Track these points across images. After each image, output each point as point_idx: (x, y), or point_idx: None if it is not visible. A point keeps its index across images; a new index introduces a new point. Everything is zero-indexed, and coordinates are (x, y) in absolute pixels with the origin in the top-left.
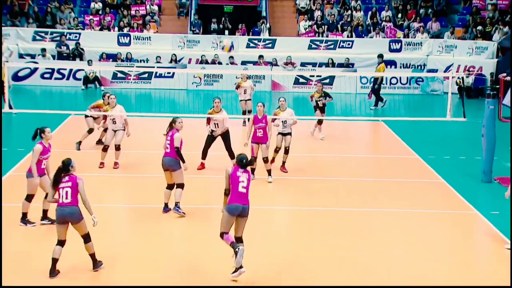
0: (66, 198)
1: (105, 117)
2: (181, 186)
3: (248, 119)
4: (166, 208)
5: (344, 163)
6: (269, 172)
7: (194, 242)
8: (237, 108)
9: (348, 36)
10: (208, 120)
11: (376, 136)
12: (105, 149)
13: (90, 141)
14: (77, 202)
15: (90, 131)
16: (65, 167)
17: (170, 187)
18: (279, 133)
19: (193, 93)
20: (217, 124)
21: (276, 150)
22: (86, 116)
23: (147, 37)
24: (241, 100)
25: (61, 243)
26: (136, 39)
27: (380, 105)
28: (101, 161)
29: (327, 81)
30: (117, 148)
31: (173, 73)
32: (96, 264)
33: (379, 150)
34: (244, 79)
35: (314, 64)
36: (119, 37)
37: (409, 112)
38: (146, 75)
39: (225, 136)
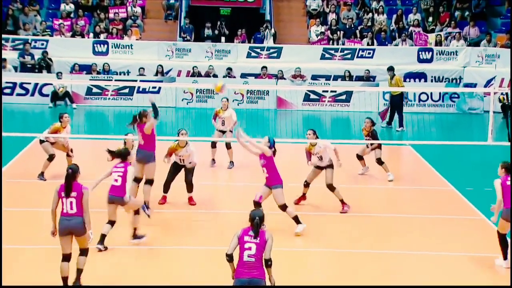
0: (71, 208)
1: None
2: (150, 182)
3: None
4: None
5: (364, 196)
6: (296, 219)
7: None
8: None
9: (368, 44)
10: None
11: (402, 163)
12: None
13: (55, 168)
14: (82, 213)
15: (51, 158)
16: (74, 174)
17: (137, 180)
18: (315, 167)
19: (183, 111)
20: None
21: (306, 185)
22: (42, 141)
23: (128, 45)
24: (217, 130)
25: (66, 258)
26: (115, 47)
27: (396, 127)
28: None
29: (343, 97)
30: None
31: (159, 88)
32: (76, 281)
33: (405, 180)
34: (224, 107)
35: (327, 77)
36: (95, 45)
37: (442, 134)
38: (127, 90)
39: (190, 169)
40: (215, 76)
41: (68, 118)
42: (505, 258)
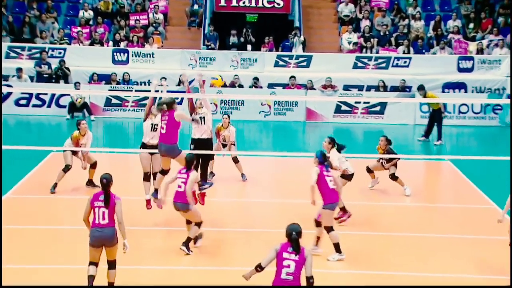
0: (103, 219)
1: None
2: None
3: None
4: (155, 194)
5: (400, 214)
6: (337, 247)
7: None
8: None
9: (404, 52)
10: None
11: (441, 179)
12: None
13: (71, 183)
14: (114, 223)
15: (66, 168)
16: (109, 183)
17: (164, 172)
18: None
19: None
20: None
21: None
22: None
23: (150, 54)
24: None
25: (94, 264)
26: (136, 56)
27: (434, 141)
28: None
29: (377, 108)
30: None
31: (182, 99)
32: None
33: (444, 197)
34: (224, 125)
35: (360, 88)
36: (114, 54)
37: (483, 148)
38: (147, 101)
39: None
40: (240, 86)
41: (86, 125)
42: None
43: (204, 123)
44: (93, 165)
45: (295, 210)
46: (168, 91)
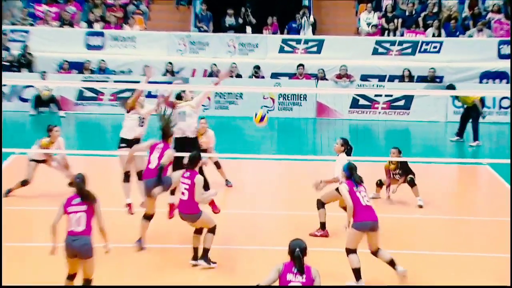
0: (79, 225)
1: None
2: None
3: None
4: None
5: (429, 229)
6: (391, 264)
7: None
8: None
9: (434, 35)
10: None
11: (478, 187)
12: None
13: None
14: (90, 231)
15: (24, 183)
16: (84, 182)
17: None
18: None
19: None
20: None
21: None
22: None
23: (130, 37)
24: None
25: (71, 277)
26: (114, 40)
27: (470, 141)
28: None
29: (401, 103)
30: None
31: (170, 92)
32: None
33: (482, 209)
34: (202, 130)
35: (381, 78)
36: (88, 38)
37: None
38: (128, 94)
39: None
40: (238, 76)
41: (59, 132)
42: None
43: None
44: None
45: (303, 223)
46: (151, 82)
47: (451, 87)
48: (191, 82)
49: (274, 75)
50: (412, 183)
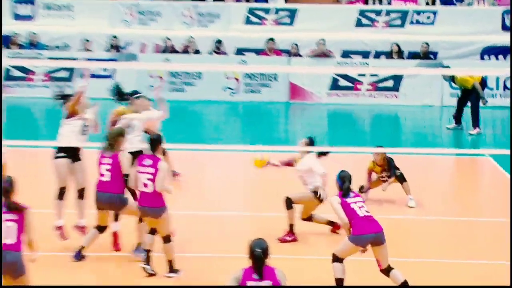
0: (8, 237)
1: None
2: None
3: None
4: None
5: (423, 232)
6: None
7: None
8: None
9: (427, 4)
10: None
11: (478, 181)
12: None
13: None
14: (20, 245)
15: None
16: (12, 187)
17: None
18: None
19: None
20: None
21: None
22: None
23: (67, 5)
24: None
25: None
26: (47, 9)
27: (469, 129)
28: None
29: (389, 83)
30: None
31: (114, 71)
32: None
33: (483, 207)
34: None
35: (365, 54)
36: (16, 5)
37: None
38: (64, 74)
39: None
40: (197, 52)
41: None
42: None
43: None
44: None
45: (269, 226)
46: (91, 59)
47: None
48: (140, 60)
49: (239, 51)
50: (401, 179)
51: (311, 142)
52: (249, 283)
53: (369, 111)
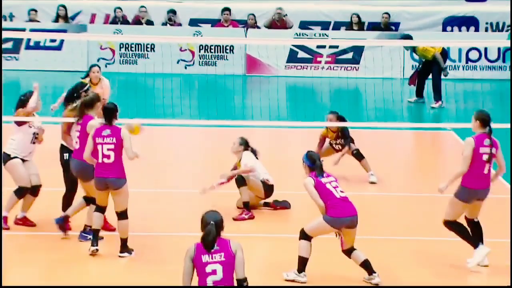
0: None
1: None
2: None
3: None
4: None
5: (385, 208)
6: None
7: None
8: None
9: None
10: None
11: (440, 157)
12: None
13: None
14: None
15: None
16: None
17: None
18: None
19: None
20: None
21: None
22: None
23: None
24: None
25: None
26: None
27: (431, 102)
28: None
29: (349, 56)
30: None
31: (61, 42)
32: None
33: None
34: (95, 80)
35: (324, 25)
36: None
37: (502, 112)
38: (9, 45)
39: None
40: (149, 23)
41: None
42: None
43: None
44: None
45: (222, 205)
46: (38, 30)
47: (406, 36)
48: (90, 31)
49: (194, 22)
50: (359, 156)
51: (243, 142)
52: (204, 258)
53: (329, 84)
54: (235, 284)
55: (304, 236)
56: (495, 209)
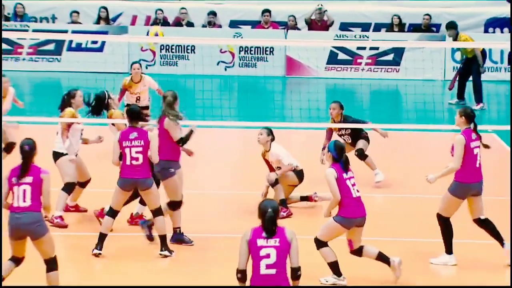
0: (24, 200)
1: None
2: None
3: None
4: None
5: (424, 211)
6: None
7: None
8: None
9: None
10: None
11: (484, 160)
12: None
13: None
14: (39, 206)
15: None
16: (32, 152)
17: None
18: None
19: None
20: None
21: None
22: None
23: None
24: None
25: (16, 260)
26: None
27: (472, 104)
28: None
29: (389, 57)
30: None
31: (103, 44)
32: None
33: (487, 187)
34: (136, 79)
35: (365, 26)
36: None
37: None
38: (51, 47)
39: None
40: (189, 24)
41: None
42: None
43: None
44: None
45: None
46: (80, 31)
47: (451, 25)
48: (130, 32)
49: (234, 23)
50: (362, 156)
51: (270, 132)
52: (259, 242)
53: (369, 86)
54: (288, 270)
55: (320, 244)
56: (495, 210)
